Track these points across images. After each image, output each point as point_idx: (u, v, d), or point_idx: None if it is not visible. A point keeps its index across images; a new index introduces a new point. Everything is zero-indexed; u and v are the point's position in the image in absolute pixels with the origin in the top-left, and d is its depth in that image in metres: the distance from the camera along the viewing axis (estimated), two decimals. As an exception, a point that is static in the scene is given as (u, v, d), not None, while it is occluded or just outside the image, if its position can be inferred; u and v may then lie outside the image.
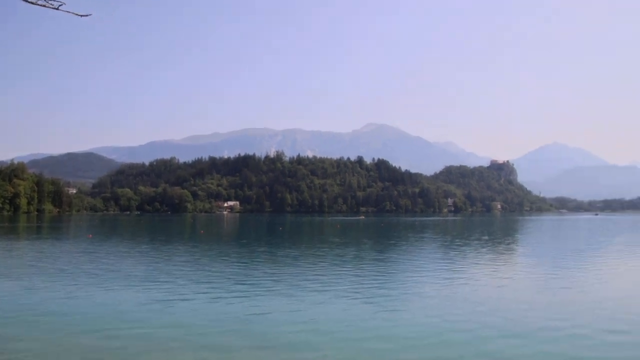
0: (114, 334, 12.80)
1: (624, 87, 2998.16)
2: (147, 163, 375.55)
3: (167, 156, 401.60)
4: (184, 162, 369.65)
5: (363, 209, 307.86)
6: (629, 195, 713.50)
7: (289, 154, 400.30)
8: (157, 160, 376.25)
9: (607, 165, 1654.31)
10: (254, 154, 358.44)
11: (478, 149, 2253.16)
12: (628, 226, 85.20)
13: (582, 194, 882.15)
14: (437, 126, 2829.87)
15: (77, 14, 7.83)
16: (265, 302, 16.77)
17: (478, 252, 34.28)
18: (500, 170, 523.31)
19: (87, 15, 7.92)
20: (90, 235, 56.84)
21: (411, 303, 16.33)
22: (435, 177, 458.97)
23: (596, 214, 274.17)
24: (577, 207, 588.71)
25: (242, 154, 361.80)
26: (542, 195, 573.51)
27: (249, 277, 22.61)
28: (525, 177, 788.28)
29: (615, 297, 16.87)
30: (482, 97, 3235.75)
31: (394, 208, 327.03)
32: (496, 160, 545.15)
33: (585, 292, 18.17)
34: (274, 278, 22.19)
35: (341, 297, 17.51)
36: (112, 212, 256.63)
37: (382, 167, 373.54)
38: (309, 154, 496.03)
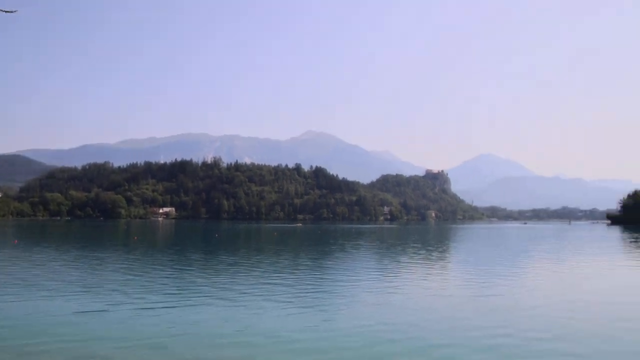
0: (28, 350, 11.89)
1: (548, 104, 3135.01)
2: (79, 167, 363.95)
3: (100, 160, 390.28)
4: (118, 167, 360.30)
5: (300, 216, 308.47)
6: (554, 205, 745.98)
7: (227, 160, 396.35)
8: (89, 164, 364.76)
9: (535, 176, 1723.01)
10: (191, 160, 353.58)
11: (414, 158, 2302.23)
12: (553, 234, 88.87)
13: (512, 203, 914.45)
14: (374, 135, 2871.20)
15: (3, 11, 7.65)
16: (197, 311, 16.24)
17: (413, 260, 34.56)
18: (435, 180, 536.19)
19: (13, 12, 7.74)
20: (16, 241, 54.61)
21: (346, 311, 16.17)
22: (372, 185, 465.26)
23: (525, 223, 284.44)
24: (507, 216, 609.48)
25: (179, 159, 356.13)
26: (474, 204, 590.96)
27: (182, 286, 21.90)
28: (458, 187, 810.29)
29: (544, 304, 17.20)
30: (417, 108, 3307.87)
31: (331, 216, 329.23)
32: (431, 170, 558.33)
33: (516, 299, 18.49)
34: (208, 286, 21.62)
35: (276, 305, 17.21)
36: (40, 217, 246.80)
37: (319, 175, 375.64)
38: (247, 160, 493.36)
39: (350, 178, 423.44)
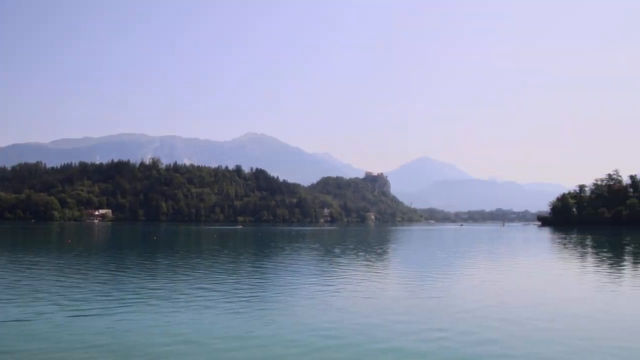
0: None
1: (484, 109, 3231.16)
2: (9, 167, 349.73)
3: (32, 160, 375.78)
4: (52, 167, 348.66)
5: (241, 218, 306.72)
6: (489, 207, 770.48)
7: (166, 161, 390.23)
8: (20, 165, 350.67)
9: (471, 179, 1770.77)
10: (129, 161, 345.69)
11: (354, 161, 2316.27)
12: (488, 236, 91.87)
13: (449, 206, 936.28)
14: (315, 138, 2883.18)
15: None
16: (133, 317, 15.58)
17: (353, 262, 34.69)
18: (375, 182, 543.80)
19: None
20: None
21: (287, 314, 15.91)
22: (313, 187, 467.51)
23: (461, 225, 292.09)
24: (445, 218, 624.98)
25: (116, 160, 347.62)
26: (413, 206, 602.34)
27: (117, 290, 21.10)
28: (398, 189, 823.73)
29: (480, 305, 17.52)
30: (358, 110, 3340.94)
31: (272, 217, 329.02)
32: (371, 173, 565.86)
33: (454, 300, 18.70)
34: (145, 291, 20.92)
35: (215, 309, 16.77)
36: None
37: (260, 177, 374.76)
38: (187, 162, 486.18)
39: (291, 180, 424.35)
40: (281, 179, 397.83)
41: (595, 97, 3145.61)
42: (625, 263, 35.68)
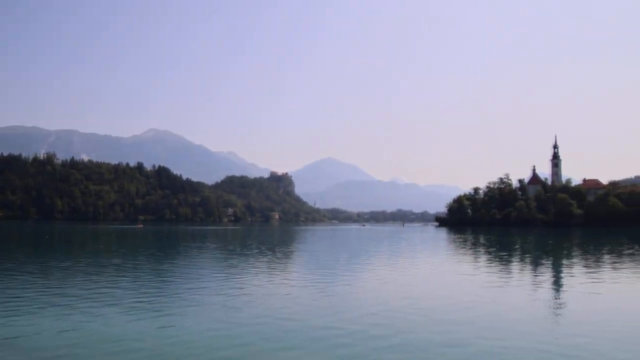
0: None
1: (386, 111, 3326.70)
2: None
3: None
4: None
5: (141, 217, 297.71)
6: (390, 207, 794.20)
7: (63, 157, 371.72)
8: None
9: (374, 181, 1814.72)
10: (20, 155, 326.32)
11: (259, 160, 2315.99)
12: (388, 235, 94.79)
13: (352, 206, 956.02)
14: (220, 136, 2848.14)
15: None
16: (26, 322, 14.66)
17: (257, 262, 34.46)
18: (280, 182, 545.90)
19: None
20: None
21: (190, 316, 15.51)
22: (217, 186, 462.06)
23: (363, 225, 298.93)
24: (348, 218, 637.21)
25: (6, 154, 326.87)
26: (317, 206, 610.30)
27: (5, 294, 19.73)
28: (302, 189, 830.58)
29: (382, 303, 17.73)
30: (263, 109, 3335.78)
31: (174, 217, 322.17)
32: (276, 172, 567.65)
33: (350, 299, 19.00)
34: (37, 293, 19.68)
35: (114, 311, 16.08)
36: None
37: (162, 175, 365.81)
38: (85, 158, 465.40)
39: (194, 179, 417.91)
40: (184, 177, 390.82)
41: (490, 105, 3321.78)
42: (514, 260, 38.28)
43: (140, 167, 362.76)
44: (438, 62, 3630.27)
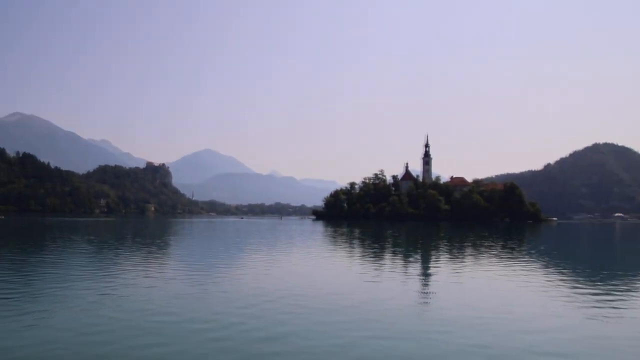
0: None
1: (266, 107, 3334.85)
2: None
3: None
4: None
5: (2, 207, 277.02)
6: (268, 201, 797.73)
7: None
8: None
9: (253, 174, 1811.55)
10: None
11: (135, 150, 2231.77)
12: (266, 229, 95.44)
13: (230, 198, 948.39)
14: (92, 123, 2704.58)
15: None
16: None
17: (131, 255, 33.38)
18: (156, 173, 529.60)
19: None
20: None
21: (54, 315, 14.51)
22: (89, 176, 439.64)
23: (242, 218, 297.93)
24: (226, 210, 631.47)
25: None
26: (194, 198, 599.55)
27: None
28: (179, 181, 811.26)
29: (263, 294, 18.02)
30: (140, 96, 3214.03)
31: (40, 207, 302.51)
32: (152, 163, 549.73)
33: (234, 291, 18.91)
34: None
35: None
36: None
37: (27, 162, 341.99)
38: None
39: (64, 167, 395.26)
40: (53, 165, 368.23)
41: (368, 102, 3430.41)
42: (386, 252, 40.39)
43: (2, 153, 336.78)
44: (315, 57, 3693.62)
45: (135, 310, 14.93)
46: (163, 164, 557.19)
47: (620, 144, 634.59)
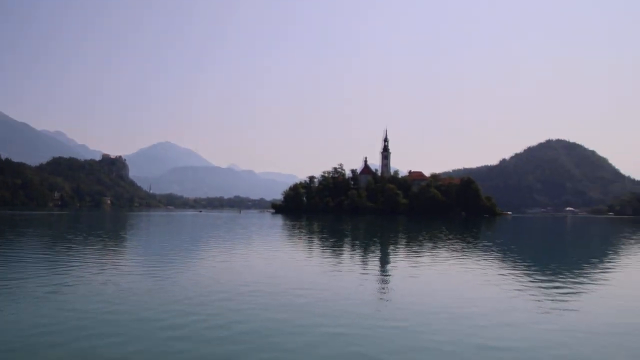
0: None
1: (224, 98, 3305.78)
2: None
3: None
4: None
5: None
6: (227, 194, 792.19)
7: None
8: None
9: (211, 167, 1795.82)
10: None
11: (90, 142, 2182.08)
12: (225, 222, 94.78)
13: (189, 192, 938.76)
14: (47, 114, 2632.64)
15: None
16: None
17: (85, 249, 32.48)
18: (112, 166, 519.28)
19: None
20: None
21: (3, 310, 14.21)
22: (42, 168, 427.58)
23: (200, 211, 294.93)
24: (184, 204, 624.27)
25: None
26: (152, 191, 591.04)
27: None
28: (136, 174, 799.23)
29: (222, 290, 17.90)
30: (95, 88, 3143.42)
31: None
32: (108, 155, 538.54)
33: (192, 286, 18.70)
34: None
35: None
36: None
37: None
38: None
39: (15, 159, 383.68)
40: (3, 156, 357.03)
41: (327, 97, 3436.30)
42: (345, 246, 40.71)
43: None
44: (274, 50, 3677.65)
45: (87, 309, 14.40)
46: (120, 157, 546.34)
47: (571, 140, 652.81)
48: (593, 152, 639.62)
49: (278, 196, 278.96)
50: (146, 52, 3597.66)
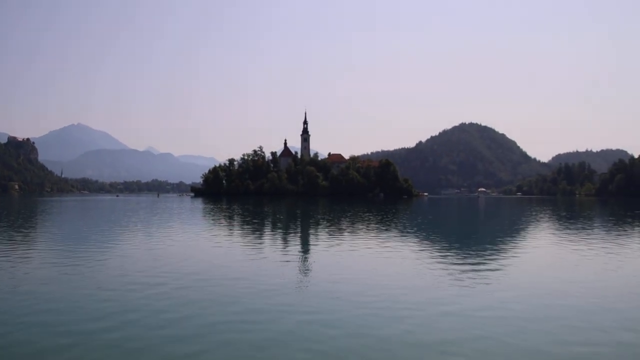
0: None
1: (143, 79, 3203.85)
2: None
3: None
4: None
5: None
6: (145, 178, 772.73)
7: None
8: None
9: (128, 150, 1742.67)
10: None
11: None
12: (143, 207, 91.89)
13: (104, 176, 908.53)
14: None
15: None
16: None
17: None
18: (20, 149, 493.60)
19: None
20: None
21: None
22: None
23: (117, 195, 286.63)
24: (100, 188, 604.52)
25: None
26: (64, 176, 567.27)
27: None
28: (46, 157, 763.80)
29: (140, 279, 17.48)
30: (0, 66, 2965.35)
31: None
32: (15, 138, 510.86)
33: (109, 274, 18.15)
34: None
35: None
36: None
37: None
38: None
39: None
40: None
41: (247, 78, 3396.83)
42: (265, 229, 40.72)
43: None
44: (195, 32, 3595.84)
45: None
46: (28, 139, 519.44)
47: (483, 124, 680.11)
48: (503, 135, 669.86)
49: (198, 180, 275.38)
50: (56, 29, 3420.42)
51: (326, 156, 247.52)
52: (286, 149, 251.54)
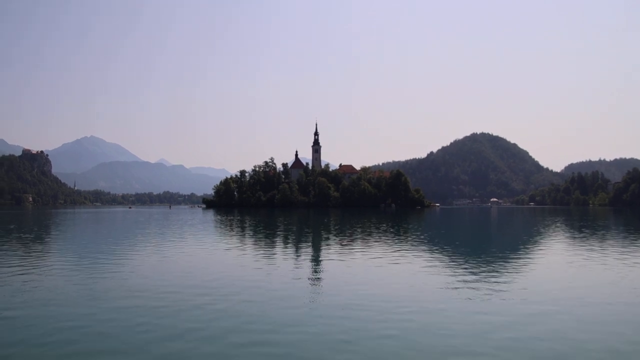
0: None
1: (151, 90, 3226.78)
2: None
3: None
4: None
5: None
6: (157, 189, 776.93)
7: None
8: None
9: (140, 162, 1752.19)
10: None
11: (10, 136, 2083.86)
12: (155, 218, 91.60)
13: (117, 188, 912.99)
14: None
15: None
16: None
17: (8, 248, 31.28)
18: (34, 161, 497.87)
19: None
20: None
21: None
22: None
23: (130, 207, 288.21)
24: (112, 200, 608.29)
25: None
26: (77, 188, 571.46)
27: None
28: (60, 170, 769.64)
29: (154, 289, 17.62)
30: (15, 81, 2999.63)
31: None
32: (30, 150, 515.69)
33: (126, 284, 18.28)
34: None
35: None
36: None
37: None
38: None
39: None
40: None
41: (257, 91, 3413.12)
42: (277, 241, 40.65)
43: None
44: (205, 45, 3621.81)
45: (9, 308, 13.89)
46: (42, 152, 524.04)
47: (494, 134, 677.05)
48: (515, 145, 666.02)
49: (209, 191, 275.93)
50: (67, 42, 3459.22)
51: (337, 167, 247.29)
52: (297, 160, 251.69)
